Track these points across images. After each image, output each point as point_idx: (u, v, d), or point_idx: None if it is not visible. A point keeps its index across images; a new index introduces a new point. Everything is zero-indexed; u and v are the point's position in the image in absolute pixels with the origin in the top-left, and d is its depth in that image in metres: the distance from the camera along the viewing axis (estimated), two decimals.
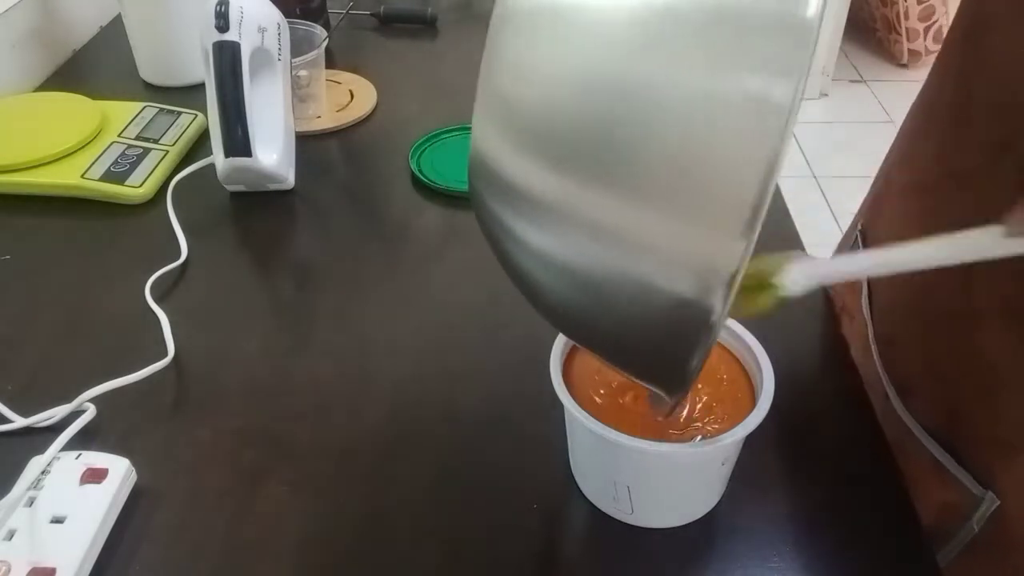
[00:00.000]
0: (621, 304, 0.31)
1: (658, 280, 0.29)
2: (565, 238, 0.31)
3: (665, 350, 0.31)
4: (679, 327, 0.30)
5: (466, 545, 0.46)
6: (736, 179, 0.26)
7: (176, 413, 0.54)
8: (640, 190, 0.28)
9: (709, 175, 0.27)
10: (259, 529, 0.47)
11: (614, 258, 0.30)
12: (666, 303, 0.29)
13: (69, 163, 0.73)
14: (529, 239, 0.32)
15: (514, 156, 0.31)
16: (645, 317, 0.30)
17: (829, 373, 0.57)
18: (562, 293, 0.33)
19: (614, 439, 0.41)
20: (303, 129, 0.79)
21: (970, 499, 0.49)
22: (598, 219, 0.29)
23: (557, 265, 0.32)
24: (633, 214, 0.28)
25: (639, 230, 0.29)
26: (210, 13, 0.67)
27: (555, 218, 0.30)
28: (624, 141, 0.28)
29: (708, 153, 0.27)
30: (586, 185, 0.29)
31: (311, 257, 0.69)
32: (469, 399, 0.54)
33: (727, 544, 0.47)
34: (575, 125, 0.29)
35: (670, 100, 0.27)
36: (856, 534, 0.47)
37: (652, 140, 0.27)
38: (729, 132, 0.26)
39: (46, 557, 0.43)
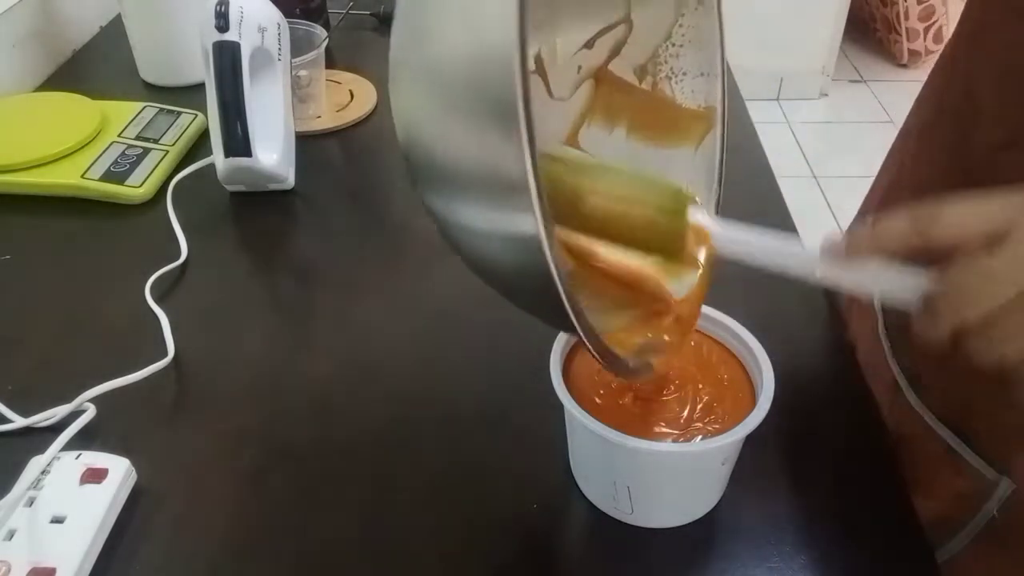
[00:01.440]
0: (492, 256, 0.34)
1: (491, 218, 0.32)
2: (447, 198, 0.34)
3: (537, 289, 0.32)
4: (526, 258, 0.31)
5: (466, 545, 0.46)
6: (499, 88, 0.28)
7: (176, 413, 0.54)
8: (465, 131, 0.31)
9: (488, 96, 0.29)
10: (259, 529, 0.47)
11: (470, 206, 0.33)
12: (507, 238, 0.31)
13: (69, 163, 0.73)
14: (435, 207, 0.36)
15: (416, 128, 0.34)
16: (507, 263, 0.33)
17: (829, 373, 0.57)
18: (470, 257, 0.37)
19: (614, 439, 0.41)
20: (303, 129, 0.79)
21: (985, 486, 0.49)
22: (454, 170, 0.32)
23: (455, 230, 0.35)
24: (465, 157, 0.31)
25: (471, 170, 0.31)
26: (210, 13, 0.67)
27: (438, 178, 0.34)
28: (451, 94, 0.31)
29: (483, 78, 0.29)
30: (445, 139, 0.32)
31: (311, 257, 0.69)
32: (469, 399, 0.54)
33: (727, 544, 0.46)
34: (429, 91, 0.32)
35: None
36: (856, 534, 0.47)
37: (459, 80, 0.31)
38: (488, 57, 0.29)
39: (46, 557, 0.43)
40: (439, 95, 0.32)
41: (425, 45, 0.32)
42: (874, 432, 0.52)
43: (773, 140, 0.85)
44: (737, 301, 0.49)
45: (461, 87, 0.30)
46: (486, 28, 0.29)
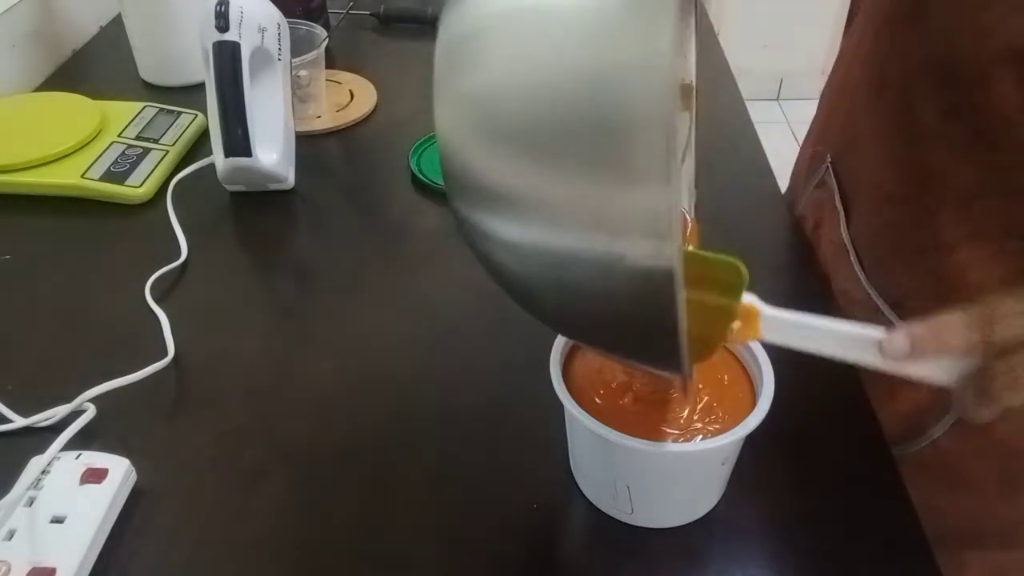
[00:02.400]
0: (589, 284, 0.32)
1: (609, 247, 0.30)
2: (522, 225, 0.32)
3: (644, 321, 0.32)
4: (646, 290, 0.30)
5: (466, 545, 0.46)
6: (645, 134, 0.28)
7: (176, 413, 0.54)
8: (567, 162, 0.30)
9: (621, 135, 0.28)
10: (259, 529, 0.47)
11: (564, 237, 0.31)
12: (626, 269, 0.30)
13: (69, 163, 0.73)
14: (495, 231, 0.33)
15: (479, 150, 0.33)
16: (614, 291, 0.31)
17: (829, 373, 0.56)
18: (540, 288, 0.34)
19: (614, 439, 0.41)
20: (303, 129, 0.79)
21: None
22: (543, 199, 0.31)
23: (526, 257, 0.33)
24: (567, 187, 0.30)
25: (577, 202, 0.30)
26: (210, 13, 0.67)
27: (509, 205, 0.32)
28: (553, 118, 0.30)
29: (616, 117, 0.28)
30: (532, 166, 0.31)
31: (311, 257, 0.69)
32: (469, 399, 0.54)
33: (727, 544, 0.46)
34: (522, 110, 0.31)
35: (578, 73, 0.29)
36: (855, 533, 0.47)
37: (571, 112, 0.29)
38: (628, 95, 0.28)
39: (46, 557, 0.43)
40: (548, 120, 0.30)
41: (508, 61, 0.31)
42: (874, 432, 0.52)
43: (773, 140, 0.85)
44: None
45: (565, 100, 0.29)
46: (619, 37, 0.28)
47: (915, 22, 0.53)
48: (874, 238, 0.60)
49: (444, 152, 0.34)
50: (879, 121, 0.58)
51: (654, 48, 0.27)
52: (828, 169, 0.66)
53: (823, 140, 0.69)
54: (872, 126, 0.59)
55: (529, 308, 0.37)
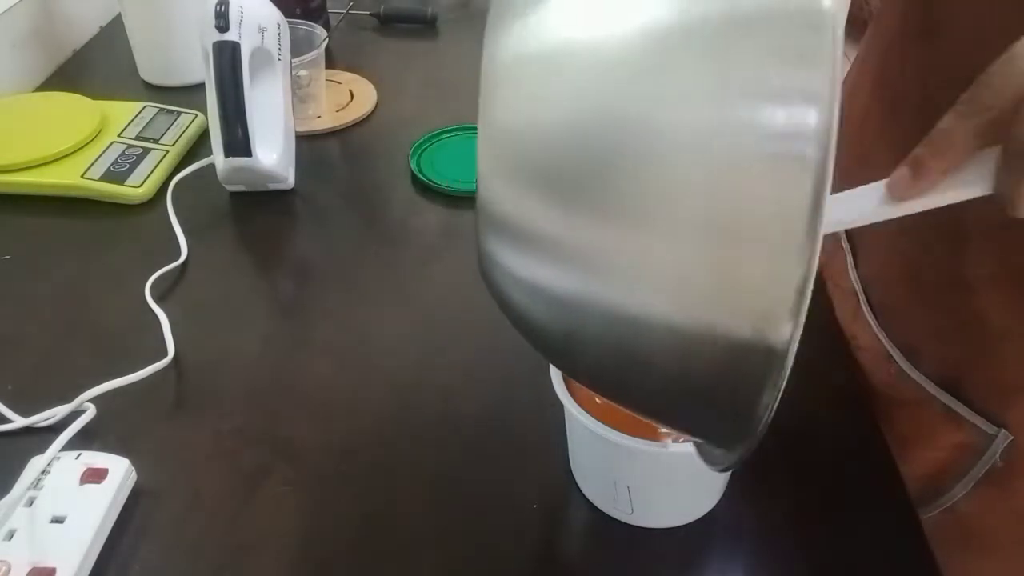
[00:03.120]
0: (666, 360, 0.28)
1: (706, 325, 0.26)
2: (588, 292, 0.28)
3: (728, 398, 0.29)
4: (740, 369, 0.27)
5: (466, 545, 0.46)
6: (781, 212, 0.24)
7: (176, 413, 0.54)
8: (653, 227, 0.26)
9: (745, 209, 0.25)
10: (259, 529, 0.47)
11: (641, 306, 0.27)
12: (721, 349, 0.26)
13: (69, 163, 0.73)
14: (544, 290, 0.30)
15: (518, 193, 0.29)
16: (697, 370, 0.28)
17: (829, 373, 0.57)
18: (596, 357, 0.31)
19: (614, 439, 0.41)
20: (303, 129, 0.79)
21: (984, 437, 0.51)
22: (612, 262, 0.27)
23: (588, 328, 0.29)
24: (657, 255, 0.26)
25: (667, 274, 0.26)
26: (210, 13, 0.67)
27: (570, 265, 0.28)
28: (628, 175, 0.26)
29: (739, 187, 0.25)
30: (588, 221, 0.27)
31: (311, 257, 0.69)
32: (469, 399, 0.54)
33: (727, 544, 0.46)
34: (571, 158, 0.27)
35: (673, 128, 0.26)
36: (855, 533, 0.47)
37: (655, 173, 0.26)
38: (759, 165, 0.24)
39: (46, 557, 0.43)
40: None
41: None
42: (874, 432, 0.52)
43: None
44: None
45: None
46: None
47: (931, 38, 0.50)
48: (886, 278, 0.57)
49: (491, 186, 0.30)
50: (892, 146, 0.54)
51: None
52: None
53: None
54: (884, 152, 0.55)
55: (573, 374, 0.34)
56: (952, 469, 0.53)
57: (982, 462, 0.52)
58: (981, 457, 0.51)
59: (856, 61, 0.63)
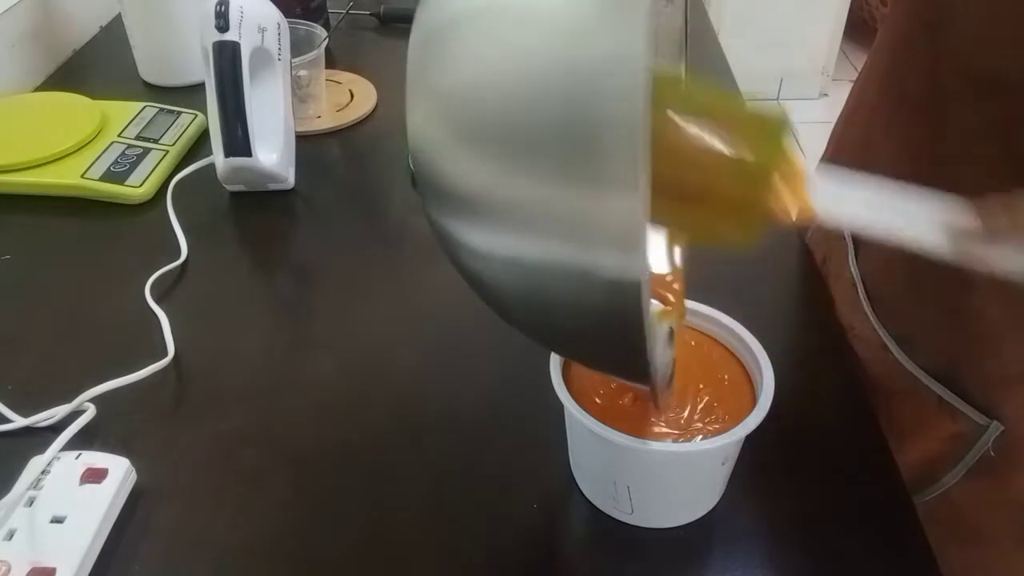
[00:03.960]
0: (560, 296, 0.31)
1: (579, 258, 0.29)
2: (494, 233, 0.31)
3: (615, 336, 0.30)
4: (615, 305, 0.29)
5: (466, 545, 0.46)
6: (613, 136, 0.26)
7: (176, 413, 0.54)
8: (538, 165, 0.28)
9: (589, 137, 0.27)
10: (259, 529, 0.47)
11: (536, 245, 0.30)
12: (596, 282, 0.29)
13: (69, 163, 0.73)
14: (467, 239, 0.32)
15: (450, 152, 0.31)
16: (585, 305, 0.30)
17: (829, 373, 0.57)
18: (513, 298, 0.33)
19: (614, 439, 0.41)
20: (303, 129, 0.79)
21: (977, 428, 0.52)
22: (515, 204, 0.29)
23: (499, 266, 0.32)
24: (538, 192, 0.28)
25: (547, 210, 0.28)
26: (210, 13, 0.67)
27: (482, 211, 0.31)
28: (524, 120, 0.28)
29: (585, 118, 0.27)
30: (503, 169, 0.29)
31: (311, 257, 0.69)
32: (469, 399, 0.54)
33: (727, 544, 0.47)
34: (493, 111, 0.29)
35: (549, 73, 0.28)
36: (856, 533, 0.47)
37: (542, 113, 0.28)
38: (598, 95, 0.26)
39: (46, 557, 0.43)
40: (493, 115, 0.29)
41: (472, 62, 0.30)
42: (874, 431, 0.52)
43: None
44: (736, 301, 0.49)
45: (531, 105, 0.28)
46: (592, 38, 0.27)
47: (939, 30, 0.50)
48: (886, 271, 0.58)
49: (416, 155, 0.33)
50: (898, 142, 0.55)
51: (627, 48, 0.26)
52: None
53: (837, 158, 0.66)
54: (889, 148, 0.56)
55: (505, 317, 0.35)
56: (945, 458, 0.54)
57: (974, 450, 0.53)
58: (972, 447, 0.53)
59: (865, 66, 0.63)
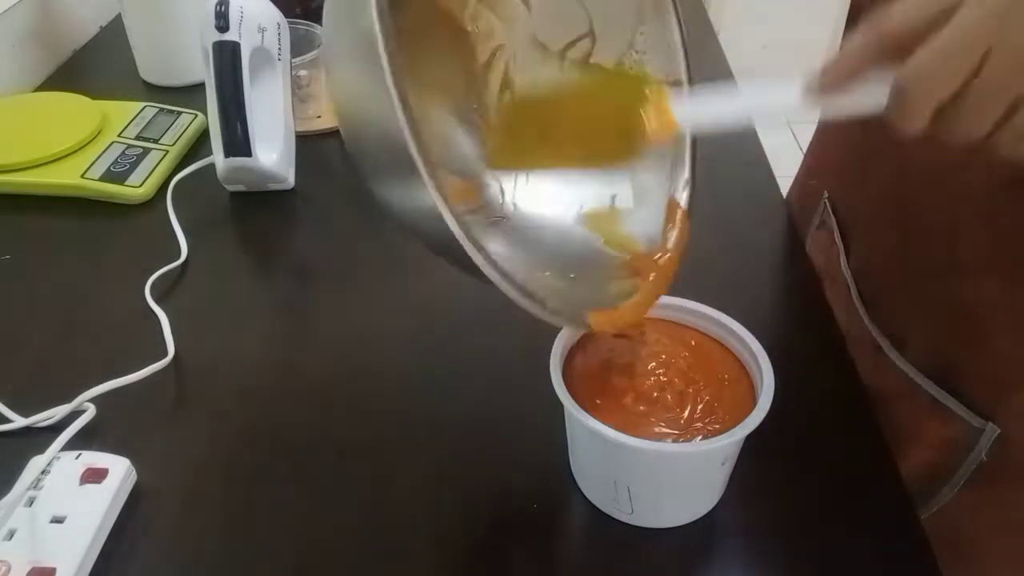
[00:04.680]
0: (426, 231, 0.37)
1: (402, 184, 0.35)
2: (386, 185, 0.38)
3: (440, 236, 0.35)
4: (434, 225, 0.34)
5: (466, 545, 0.46)
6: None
7: (176, 413, 0.54)
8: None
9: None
10: (259, 529, 0.47)
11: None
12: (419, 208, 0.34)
13: (69, 163, 0.73)
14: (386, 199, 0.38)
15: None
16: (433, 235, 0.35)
17: (829, 373, 0.57)
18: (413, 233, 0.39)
19: (614, 439, 0.41)
20: (303, 129, 0.79)
21: (972, 432, 0.51)
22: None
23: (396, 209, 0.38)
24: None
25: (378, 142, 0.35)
26: (210, 13, 0.67)
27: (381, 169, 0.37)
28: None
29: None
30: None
31: (311, 257, 0.69)
32: (469, 399, 0.54)
33: (727, 544, 0.47)
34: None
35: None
36: (855, 533, 0.47)
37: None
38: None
39: (46, 557, 0.43)
40: (345, 82, 0.36)
41: (332, 37, 0.37)
42: (874, 431, 0.52)
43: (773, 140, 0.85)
44: (735, 301, 0.49)
45: (355, 70, 0.34)
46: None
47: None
48: (876, 265, 0.58)
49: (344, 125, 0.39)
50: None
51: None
52: (826, 206, 0.64)
53: (821, 161, 0.66)
54: (882, 130, 0.57)
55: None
56: (940, 469, 0.53)
57: (970, 459, 0.51)
58: (969, 454, 0.51)
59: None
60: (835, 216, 0.63)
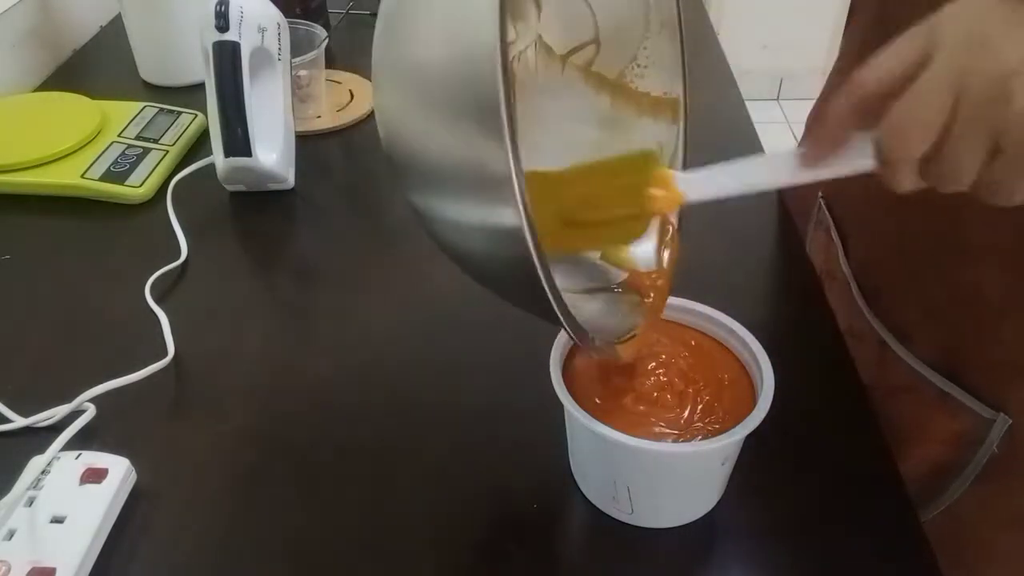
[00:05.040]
0: (484, 252, 0.35)
1: (481, 209, 0.33)
2: (440, 200, 0.35)
3: (521, 277, 0.33)
4: (513, 254, 0.32)
5: (466, 545, 0.46)
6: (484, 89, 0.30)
7: (176, 413, 0.54)
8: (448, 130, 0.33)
9: (471, 92, 0.31)
10: (259, 529, 0.47)
11: (456, 202, 0.34)
12: (495, 233, 0.32)
13: (69, 163, 0.73)
14: (431, 210, 0.36)
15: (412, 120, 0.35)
16: (497, 250, 0.34)
17: (828, 372, 0.57)
18: (464, 256, 0.37)
19: (614, 439, 0.41)
20: (303, 129, 0.79)
21: (982, 424, 0.50)
22: (441, 166, 0.33)
23: (454, 226, 0.36)
24: (452, 153, 0.33)
25: (458, 168, 0.33)
26: (210, 13, 0.67)
27: (432, 179, 0.35)
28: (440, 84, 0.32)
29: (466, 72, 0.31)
30: (437, 137, 0.33)
31: (311, 257, 0.69)
32: (469, 399, 0.54)
33: (727, 544, 0.47)
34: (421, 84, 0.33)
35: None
36: (856, 533, 0.47)
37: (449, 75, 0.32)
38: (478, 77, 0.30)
39: (46, 557, 0.43)
40: (421, 94, 0.33)
41: (407, 45, 0.34)
42: (874, 431, 0.52)
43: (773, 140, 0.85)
44: (735, 301, 0.49)
45: (444, 86, 0.32)
46: (468, 29, 0.30)
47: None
48: (877, 259, 0.57)
49: (386, 131, 0.36)
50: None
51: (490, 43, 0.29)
52: (821, 206, 0.64)
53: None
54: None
55: (467, 273, 0.39)
56: (950, 464, 0.53)
57: (980, 453, 0.51)
58: (979, 448, 0.51)
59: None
60: (831, 214, 0.63)
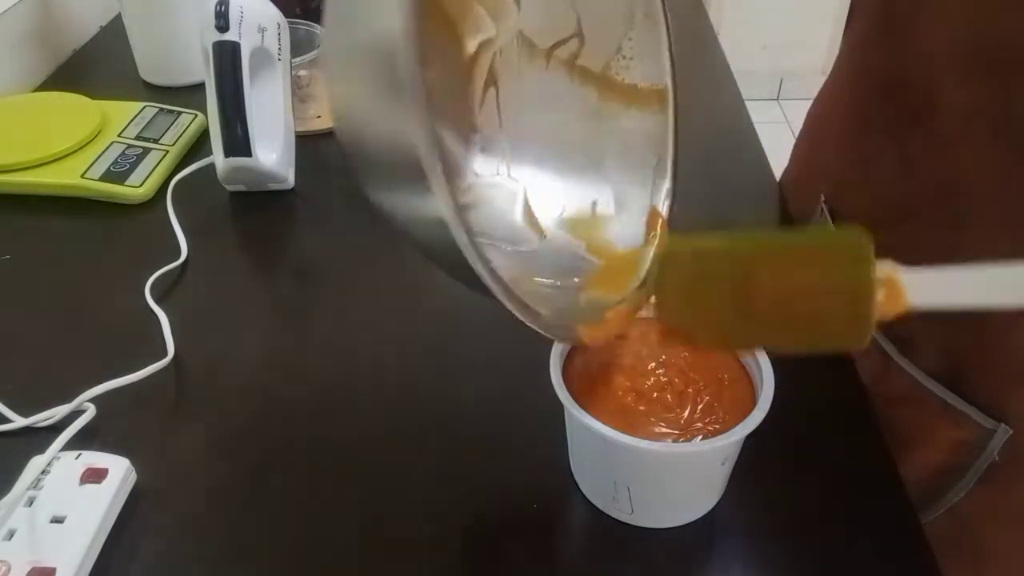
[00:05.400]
0: (428, 237, 0.34)
1: (411, 198, 0.33)
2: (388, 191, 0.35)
3: (448, 250, 0.33)
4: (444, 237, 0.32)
5: (466, 545, 0.46)
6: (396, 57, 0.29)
7: (176, 413, 0.54)
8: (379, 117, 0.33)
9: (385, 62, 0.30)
10: (259, 529, 0.47)
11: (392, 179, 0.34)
12: (429, 219, 0.32)
13: (69, 163, 0.73)
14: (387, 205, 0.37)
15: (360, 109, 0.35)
16: (437, 235, 0.33)
17: (828, 372, 0.57)
18: (424, 248, 0.37)
19: (614, 439, 0.41)
20: (303, 129, 0.79)
21: (983, 433, 0.51)
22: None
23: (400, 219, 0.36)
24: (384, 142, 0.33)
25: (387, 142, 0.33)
26: (210, 13, 0.67)
27: (380, 170, 0.35)
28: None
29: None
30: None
31: (311, 257, 0.69)
32: (468, 399, 0.54)
33: (727, 544, 0.47)
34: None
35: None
36: (856, 534, 0.47)
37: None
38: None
39: (46, 557, 0.43)
40: (349, 79, 0.34)
41: (334, 31, 0.34)
42: (874, 431, 0.52)
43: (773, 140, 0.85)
44: None
45: (367, 72, 0.32)
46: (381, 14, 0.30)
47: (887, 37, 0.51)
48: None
49: (339, 124, 0.37)
50: (892, 122, 0.54)
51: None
52: (823, 211, 0.63)
53: (814, 163, 0.66)
54: (885, 126, 0.55)
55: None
56: (951, 469, 0.53)
57: (981, 459, 0.51)
58: (981, 454, 0.51)
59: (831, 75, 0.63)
60: (833, 219, 0.63)
